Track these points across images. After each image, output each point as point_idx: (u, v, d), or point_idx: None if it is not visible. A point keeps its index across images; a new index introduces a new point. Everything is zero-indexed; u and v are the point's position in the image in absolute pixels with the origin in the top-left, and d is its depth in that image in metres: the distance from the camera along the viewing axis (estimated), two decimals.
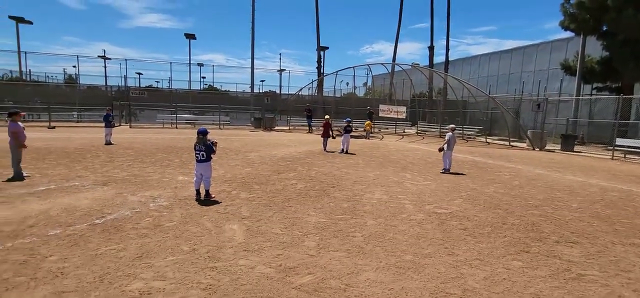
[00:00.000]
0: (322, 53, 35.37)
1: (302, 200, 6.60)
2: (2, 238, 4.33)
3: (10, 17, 32.68)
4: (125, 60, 70.56)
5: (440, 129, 25.58)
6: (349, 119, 14.94)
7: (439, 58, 33.69)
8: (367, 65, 28.35)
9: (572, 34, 23.63)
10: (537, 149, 18.30)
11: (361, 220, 5.53)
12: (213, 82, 51.54)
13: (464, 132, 24.60)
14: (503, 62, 36.62)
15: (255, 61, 35.31)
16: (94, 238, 4.45)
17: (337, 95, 38.91)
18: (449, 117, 29.48)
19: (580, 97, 23.16)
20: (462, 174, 9.96)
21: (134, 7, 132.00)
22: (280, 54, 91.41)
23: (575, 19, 21.49)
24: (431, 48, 33.52)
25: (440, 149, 10.45)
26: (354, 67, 28.59)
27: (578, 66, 22.90)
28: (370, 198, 6.85)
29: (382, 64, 27.31)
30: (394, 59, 36.30)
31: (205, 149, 6.36)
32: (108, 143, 13.59)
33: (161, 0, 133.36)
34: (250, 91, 34.66)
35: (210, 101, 33.75)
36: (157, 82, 53.59)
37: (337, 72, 28.31)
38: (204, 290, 3.27)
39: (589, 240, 4.95)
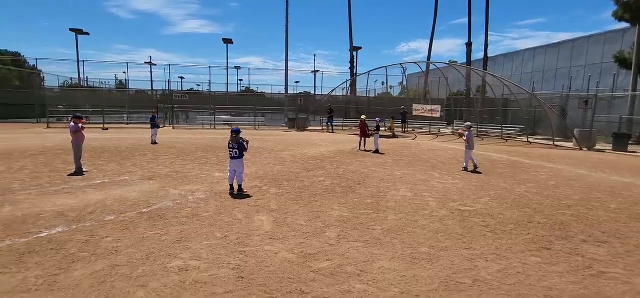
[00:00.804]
0: (355, 53, 35.48)
1: (328, 195, 6.91)
2: (68, 221, 5.07)
3: (71, 29, 36.09)
4: (169, 65, 75.00)
5: (477, 128, 24.72)
6: (379, 119, 15.00)
7: (480, 54, 32.48)
8: (400, 64, 28.05)
9: (629, 25, 21.82)
10: (585, 149, 17.18)
11: (383, 215, 5.73)
12: (250, 85, 53.43)
13: (503, 131, 23.59)
14: (550, 56, 34.46)
15: (290, 63, 36.22)
16: (141, 224, 5.06)
17: (371, 95, 38.79)
18: (488, 116, 28.39)
19: (637, 93, 21.34)
20: (482, 174, 9.74)
21: (177, 15, 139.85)
22: (314, 55, 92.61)
23: (629, 8, 19.87)
24: (469, 45, 32.44)
25: (460, 135, 10.83)
26: (386, 66, 28.41)
27: (634, 59, 21.12)
28: (395, 195, 7.00)
29: (415, 63, 26.87)
30: (428, 58, 35.54)
31: (238, 147, 6.87)
32: (154, 143, 14.74)
33: (202, 8, 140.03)
34: (284, 93, 35.53)
35: (247, 103, 35.05)
36: (198, 85, 56.66)
37: (369, 72, 28.32)
38: (233, 270, 3.68)
39: (620, 241, 4.79)
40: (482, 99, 30.37)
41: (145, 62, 45.71)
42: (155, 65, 53.88)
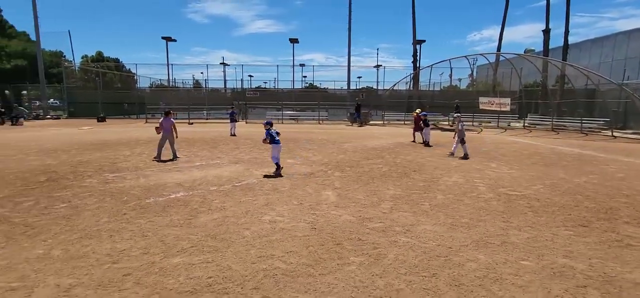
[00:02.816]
0: (418, 47, 35.09)
1: (385, 179, 7.86)
2: (185, 189, 6.82)
3: (162, 37, 41.51)
4: (242, 65, 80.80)
5: (552, 122, 23.12)
6: (425, 113, 14.99)
7: (569, 40, 29.60)
8: (465, 57, 27.21)
9: None
10: None
11: (432, 194, 6.52)
12: (313, 80, 55.50)
13: (583, 125, 21.73)
14: None
15: (352, 58, 37.17)
16: (236, 193, 6.60)
17: (435, 88, 37.95)
18: (567, 109, 26.17)
19: None
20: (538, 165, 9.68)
21: (246, 17, 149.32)
22: (377, 49, 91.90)
23: None
24: (546, 31, 30.04)
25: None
26: (450, 59, 27.78)
27: None
28: (446, 181, 7.68)
29: (482, 54, 25.90)
30: (499, 47, 33.66)
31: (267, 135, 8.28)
32: (233, 135, 16.97)
33: (268, 8, 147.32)
34: (346, 88, 36.64)
35: (311, 98, 36.90)
36: (265, 82, 60.41)
37: (432, 65, 28.00)
38: (308, 224, 4.91)
39: None
40: (561, 91, 27.99)
41: (220, 63, 50.45)
42: (229, 65, 58.96)
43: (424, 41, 37.45)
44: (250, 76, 52.44)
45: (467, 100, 28.32)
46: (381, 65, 51.46)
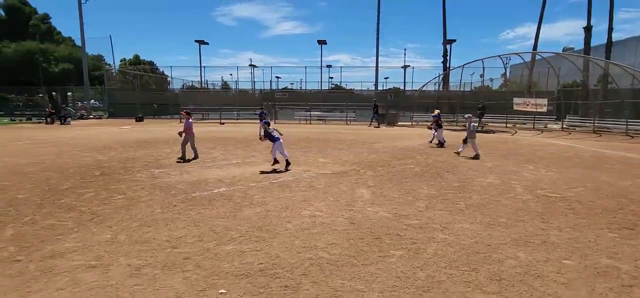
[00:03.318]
0: (448, 47, 34.42)
1: (418, 179, 7.92)
2: (227, 184, 7.22)
3: (196, 40, 43.18)
4: (270, 67, 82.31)
5: (594, 123, 22.00)
6: (436, 114, 14.67)
7: (613, 37, 28.05)
8: (499, 56, 26.42)
9: None
10: None
11: (467, 194, 6.54)
12: (340, 81, 55.68)
13: (629, 126, 20.52)
14: None
15: (379, 58, 36.97)
16: (274, 189, 6.91)
17: (466, 89, 37.03)
18: (611, 110, 24.76)
19: None
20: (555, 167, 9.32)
21: (272, 19, 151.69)
22: (404, 50, 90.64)
23: None
24: (587, 28, 28.58)
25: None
26: (482, 59, 27.07)
27: None
28: (482, 182, 7.63)
29: (517, 54, 25.04)
30: (535, 45, 32.35)
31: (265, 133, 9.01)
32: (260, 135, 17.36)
33: (294, 10, 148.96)
34: (374, 89, 36.54)
35: (337, 100, 37.09)
36: (291, 83, 61.24)
37: (463, 65, 27.40)
38: (346, 219, 5.12)
39: None
40: (604, 91, 26.52)
41: (249, 65, 51.73)
42: (257, 66, 60.29)
43: (454, 41, 36.70)
44: (278, 77, 53.29)
45: (499, 101, 27.46)
46: (409, 66, 50.73)
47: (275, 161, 9.01)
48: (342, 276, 3.43)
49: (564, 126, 23.99)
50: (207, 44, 44.87)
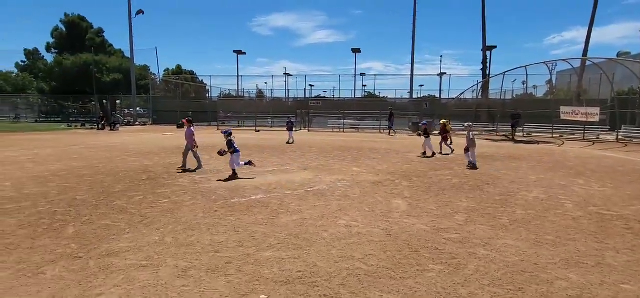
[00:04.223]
0: (488, 53, 33.16)
1: (456, 191, 7.68)
2: (263, 192, 7.42)
3: (234, 51, 44.83)
4: (305, 75, 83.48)
5: None
6: (425, 122, 14.37)
7: None
8: (544, 62, 25.04)
9: None
10: None
11: (510, 209, 6.24)
12: (374, 89, 55.28)
13: None
14: None
15: (414, 65, 36.36)
16: (310, 198, 7.00)
17: (506, 97, 35.37)
18: None
19: None
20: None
21: (307, 28, 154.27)
22: (440, 56, 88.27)
23: None
24: None
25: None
26: (526, 66, 25.80)
27: None
28: (526, 196, 7.25)
29: (565, 60, 23.61)
30: (585, 51, 30.28)
31: (228, 144, 8.96)
32: (288, 143, 17.35)
33: (328, 19, 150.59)
34: (408, 97, 35.93)
35: (371, 108, 36.83)
36: (325, 91, 61.67)
37: (505, 72, 26.26)
38: (382, 230, 5.08)
39: None
40: None
41: (284, 73, 52.85)
42: (291, 75, 61.46)
43: (495, 47, 35.32)
44: (311, 85, 53.98)
45: (544, 110, 25.94)
46: (445, 73, 49.42)
47: (235, 172, 9.03)
48: (380, 288, 3.41)
49: (620, 137, 22.18)
50: (244, 54, 46.50)
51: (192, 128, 10.10)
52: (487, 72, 32.61)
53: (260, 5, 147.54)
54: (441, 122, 15.19)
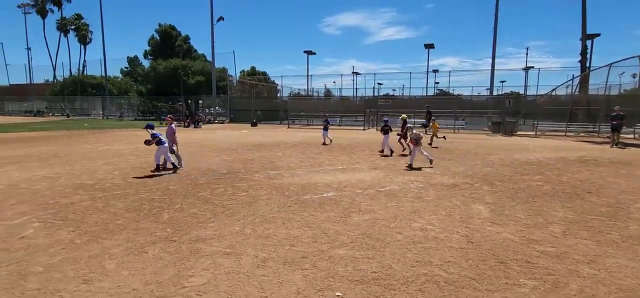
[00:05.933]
0: (588, 42, 28.88)
1: (549, 198, 6.82)
2: (335, 190, 7.47)
3: (304, 51, 46.26)
4: (374, 74, 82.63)
5: None
6: (387, 119, 13.79)
7: None
8: None
9: None
10: None
11: (622, 223, 5.32)
12: (448, 86, 52.07)
13: None
14: None
15: (495, 59, 33.29)
16: (381, 198, 6.84)
17: (611, 92, 30.39)
18: None
19: None
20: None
21: (375, 25, 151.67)
22: (526, 49, 79.66)
23: None
24: None
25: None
26: (639, 56, 21.87)
27: None
28: None
29: None
30: None
31: (151, 136, 9.04)
32: (324, 143, 16.76)
33: (398, 14, 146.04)
34: (488, 94, 33.14)
35: (444, 106, 34.76)
36: (394, 90, 59.99)
37: (610, 65, 22.61)
38: (462, 236, 4.73)
39: None
40: None
41: (352, 72, 52.79)
42: (359, 74, 61.11)
43: (598, 35, 30.62)
44: (380, 84, 52.95)
45: None
46: (532, 66, 44.39)
47: (158, 167, 9.24)
48: None
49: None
50: (314, 54, 47.63)
51: (173, 125, 9.97)
52: (588, 65, 28.44)
53: (329, 5, 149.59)
54: (401, 117, 14.85)
